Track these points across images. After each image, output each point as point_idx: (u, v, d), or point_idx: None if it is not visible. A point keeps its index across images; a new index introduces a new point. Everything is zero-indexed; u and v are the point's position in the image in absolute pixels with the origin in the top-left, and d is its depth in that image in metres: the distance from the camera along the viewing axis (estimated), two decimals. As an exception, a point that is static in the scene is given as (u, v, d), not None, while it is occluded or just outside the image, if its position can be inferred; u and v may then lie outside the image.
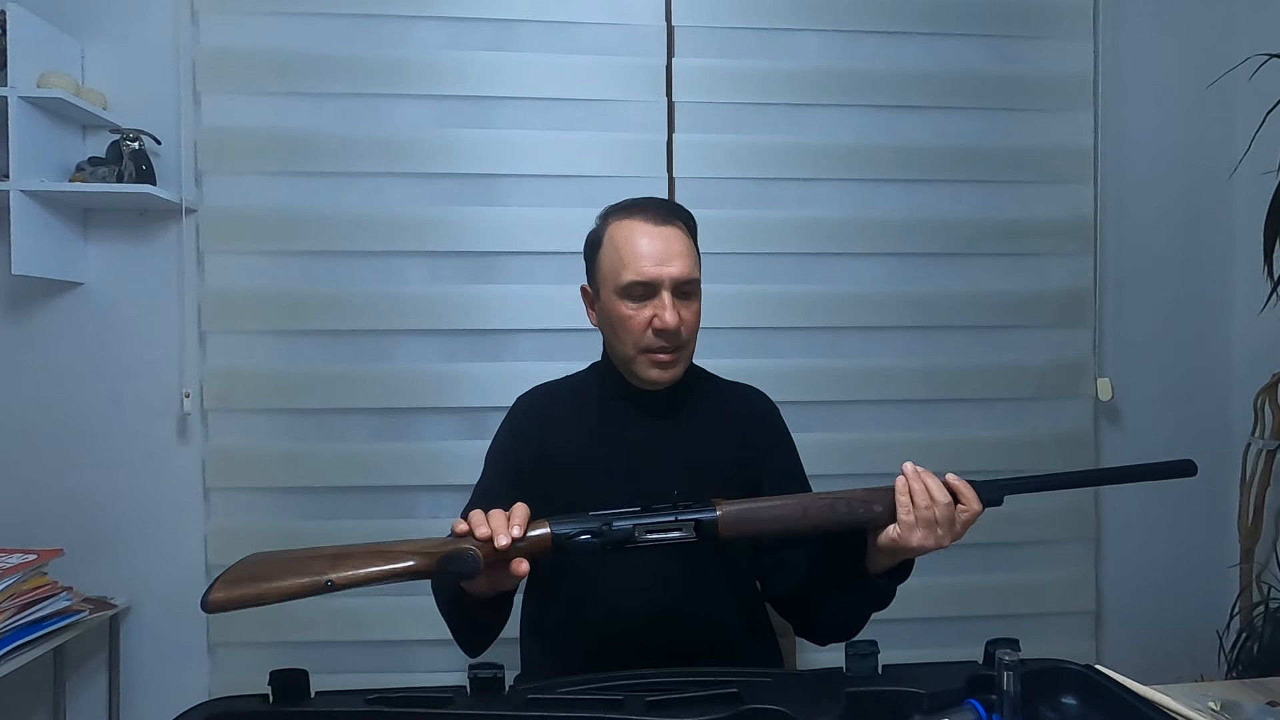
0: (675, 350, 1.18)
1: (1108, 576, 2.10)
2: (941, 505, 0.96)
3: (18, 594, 1.58)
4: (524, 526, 0.94)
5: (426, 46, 1.92)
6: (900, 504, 0.97)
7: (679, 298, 1.17)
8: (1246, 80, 1.89)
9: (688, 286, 1.18)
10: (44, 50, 1.75)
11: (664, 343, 1.17)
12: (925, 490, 0.96)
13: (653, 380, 1.20)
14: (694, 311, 1.20)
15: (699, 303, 1.21)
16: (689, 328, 1.19)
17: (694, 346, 1.23)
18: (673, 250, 1.17)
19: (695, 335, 1.22)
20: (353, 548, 0.92)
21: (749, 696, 0.87)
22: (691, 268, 1.18)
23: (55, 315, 1.86)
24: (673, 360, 1.19)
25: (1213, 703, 1.01)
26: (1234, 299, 2.11)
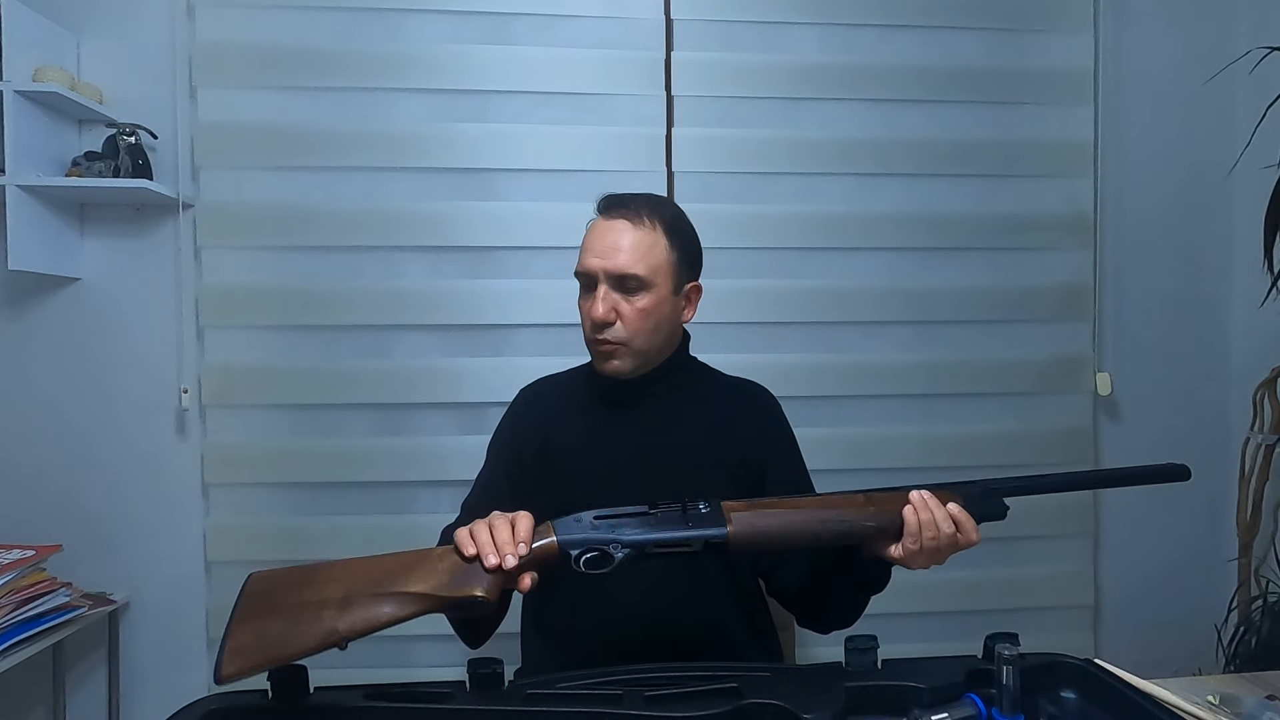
0: (614, 343, 1.18)
1: (1106, 571, 2.10)
2: (945, 535, 0.97)
3: (16, 590, 1.58)
4: (529, 541, 0.93)
5: (424, 40, 1.91)
6: (908, 533, 0.97)
7: (621, 292, 1.17)
8: (1247, 74, 1.89)
9: (629, 281, 1.16)
10: (40, 44, 1.74)
11: (597, 334, 1.18)
12: (933, 522, 0.97)
13: (603, 372, 1.22)
14: (637, 308, 1.17)
15: (650, 301, 1.17)
16: (630, 323, 1.17)
17: (648, 343, 1.20)
18: (618, 244, 1.17)
19: (645, 332, 1.18)
20: (357, 578, 0.89)
21: (748, 691, 0.87)
22: (633, 262, 1.16)
23: (52, 311, 1.86)
24: (612, 352, 1.19)
25: (1211, 697, 1.01)
26: (1234, 293, 2.11)
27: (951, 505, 0.98)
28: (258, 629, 0.86)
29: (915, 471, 1.99)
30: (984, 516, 0.99)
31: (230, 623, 0.87)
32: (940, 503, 0.98)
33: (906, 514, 0.97)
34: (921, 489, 0.99)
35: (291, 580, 0.90)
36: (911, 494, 0.98)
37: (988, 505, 0.99)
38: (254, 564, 1.90)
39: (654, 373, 1.24)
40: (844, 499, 0.99)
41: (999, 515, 1.00)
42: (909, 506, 0.97)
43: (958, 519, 0.98)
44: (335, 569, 0.91)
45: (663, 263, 1.19)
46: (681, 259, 1.22)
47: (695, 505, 0.96)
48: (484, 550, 0.91)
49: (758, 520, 0.95)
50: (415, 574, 0.89)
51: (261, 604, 0.88)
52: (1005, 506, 1.00)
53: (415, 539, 1.83)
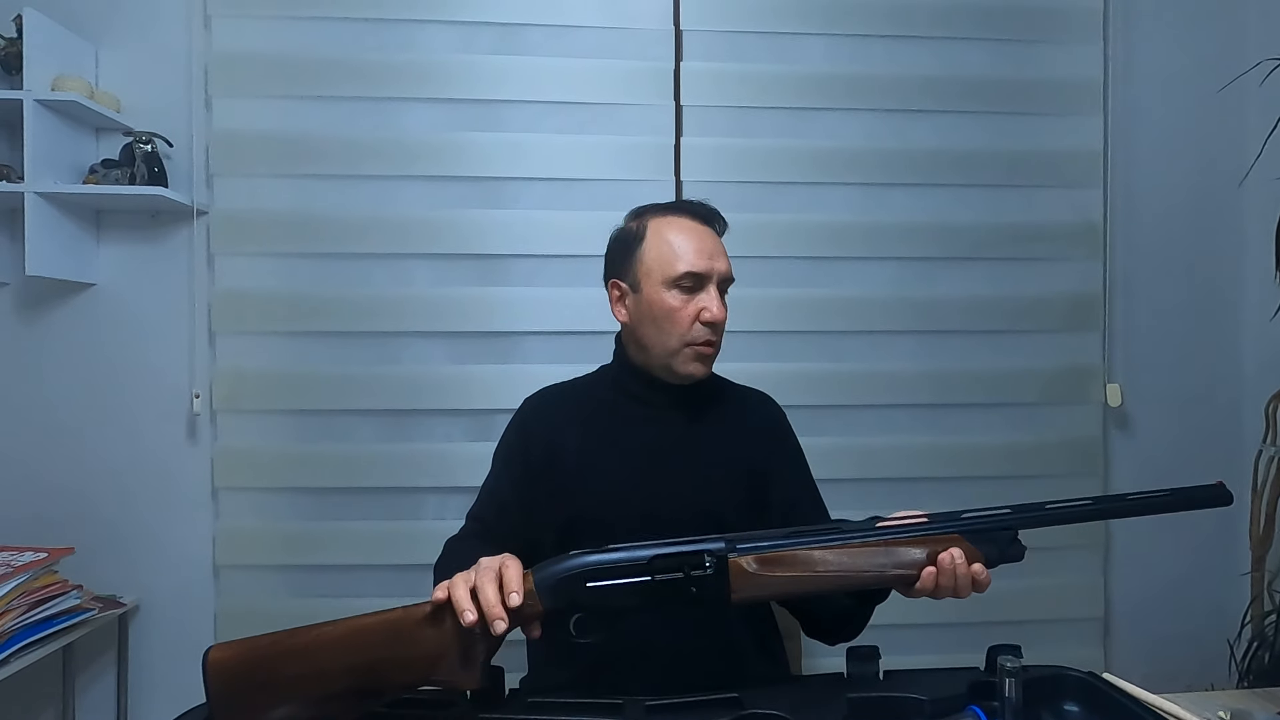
0: (717, 344, 1.22)
1: (1117, 583, 2.08)
2: (961, 588, 0.93)
3: (28, 592, 1.59)
4: (521, 592, 0.86)
5: (435, 50, 1.93)
6: (922, 586, 0.92)
7: (721, 293, 1.22)
8: (1258, 85, 1.88)
9: (729, 285, 1.23)
10: (58, 54, 1.77)
11: (710, 335, 1.20)
12: (952, 588, 0.92)
13: (691, 374, 1.21)
14: (726, 310, 1.23)
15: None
16: (724, 326, 1.23)
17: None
18: (719, 248, 1.23)
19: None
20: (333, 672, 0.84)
21: (750, 702, 0.87)
22: (730, 268, 1.23)
23: (67, 316, 1.88)
24: (714, 354, 1.22)
25: (1222, 712, 1.00)
26: (1245, 305, 2.09)
27: (976, 567, 0.92)
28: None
29: (922, 482, 1.99)
30: (1004, 560, 0.94)
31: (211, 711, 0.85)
32: (966, 565, 0.92)
33: (926, 575, 0.92)
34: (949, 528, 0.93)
35: (258, 675, 0.84)
36: (941, 558, 0.91)
37: (1010, 550, 0.93)
38: (263, 568, 1.94)
39: (689, 385, 1.24)
40: (863, 550, 0.91)
41: (1018, 558, 0.94)
42: (931, 570, 0.91)
43: (978, 580, 0.93)
44: (305, 656, 0.85)
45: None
46: None
47: (700, 564, 0.87)
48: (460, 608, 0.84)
49: (764, 585, 0.89)
50: (399, 662, 0.85)
51: (239, 701, 0.84)
52: (1024, 549, 0.94)
53: (422, 545, 1.85)
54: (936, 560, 0.91)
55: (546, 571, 0.89)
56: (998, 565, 0.93)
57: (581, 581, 0.88)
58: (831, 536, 0.91)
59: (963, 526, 0.93)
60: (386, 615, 0.86)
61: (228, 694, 0.83)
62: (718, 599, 0.87)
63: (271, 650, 0.85)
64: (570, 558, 0.89)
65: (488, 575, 0.87)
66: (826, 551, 0.90)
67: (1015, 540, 0.93)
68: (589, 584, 0.87)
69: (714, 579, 0.87)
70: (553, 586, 0.88)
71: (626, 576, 0.87)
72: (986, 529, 0.93)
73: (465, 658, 0.85)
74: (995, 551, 0.93)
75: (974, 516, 0.94)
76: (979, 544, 0.93)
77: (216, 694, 0.83)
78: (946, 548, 0.92)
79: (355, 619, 0.87)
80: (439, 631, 0.85)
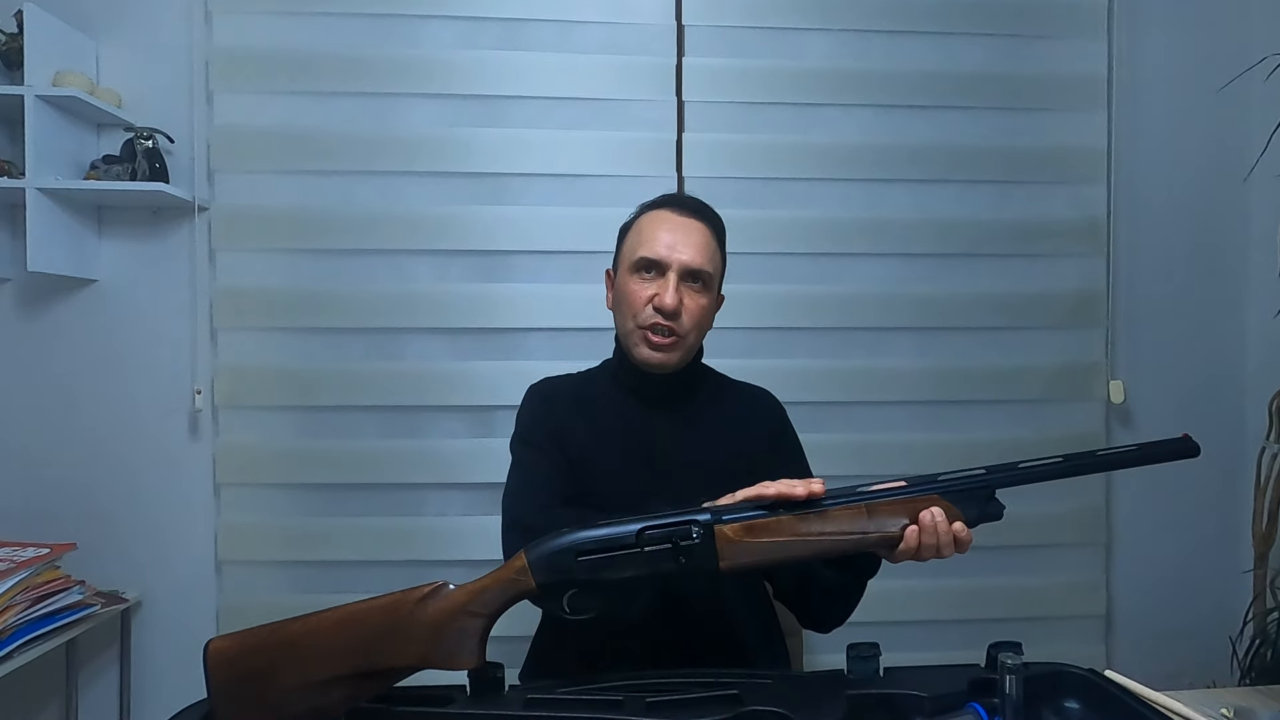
0: (672, 335, 1.19)
1: (1119, 580, 2.08)
2: (942, 553, 0.95)
3: (31, 587, 1.59)
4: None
5: (437, 46, 1.93)
6: (905, 548, 0.94)
7: (687, 284, 1.20)
8: (1262, 81, 1.87)
9: (698, 276, 1.21)
10: (59, 49, 1.77)
11: (659, 320, 1.19)
12: (935, 547, 0.94)
13: (644, 360, 1.21)
14: (699, 304, 1.21)
15: (708, 299, 1.23)
16: (691, 316, 1.20)
17: (695, 340, 1.24)
18: (690, 240, 1.21)
19: (698, 328, 1.23)
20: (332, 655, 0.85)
21: (749, 698, 0.87)
22: (704, 260, 1.21)
23: (69, 312, 1.88)
24: (667, 344, 1.20)
25: (1225, 709, 1.00)
26: (1248, 301, 2.09)
27: (957, 525, 0.95)
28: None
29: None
30: (983, 519, 0.97)
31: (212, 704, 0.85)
32: (947, 522, 0.94)
33: (909, 534, 0.94)
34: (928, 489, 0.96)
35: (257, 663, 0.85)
36: (922, 516, 0.94)
37: (988, 509, 0.96)
38: (264, 564, 1.94)
39: (671, 377, 1.24)
40: (844, 512, 0.94)
41: (997, 517, 0.97)
42: (913, 529, 0.94)
43: (960, 538, 0.95)
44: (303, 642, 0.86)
45: (717, 267, 1.26)
46: (722, 269, 1.28)
47: (687, 534, 0.89)
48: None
49: (750, 551, 0.91)
50: (398, 642, 0.86)
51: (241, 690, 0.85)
52: (1002, 507, 0.97)
53: (424, 541, 1.86)
54: (918, 519, 0.94)
55: (538, 549, 0.90)
56: (978, 524, 0.97)
57: (573, 556, 0.89)
58: (814, 505, 0.94)
59: (941, 488, 0.96)
60: (383, 598, 0.88)
61: (229, 684, 0.84)
62: (707, 567, 0.90)
63: (271, 638, 0.86)
64: (561, 534, 0.91)
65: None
66: (811, 518, 0.93)
67: (993, 498, 0.97)
68: (580, 558, 0.89)
69: (701, 547, 0.90)
70: (546, 563, 0.89)
71: (616, 550, 0.90)
72: (963, 489, 0.96)
73: (462, 634, 0.87)
74: (974, 511, 0.96)
75: (951, 477, 0.97)
76: (958, 504, 0.96)
77: (218, 685, 0.84)
78: (927, 507, 0.95)
79: (352, 604, 0.88)
80: (437, 611, 0.87)
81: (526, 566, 0.89)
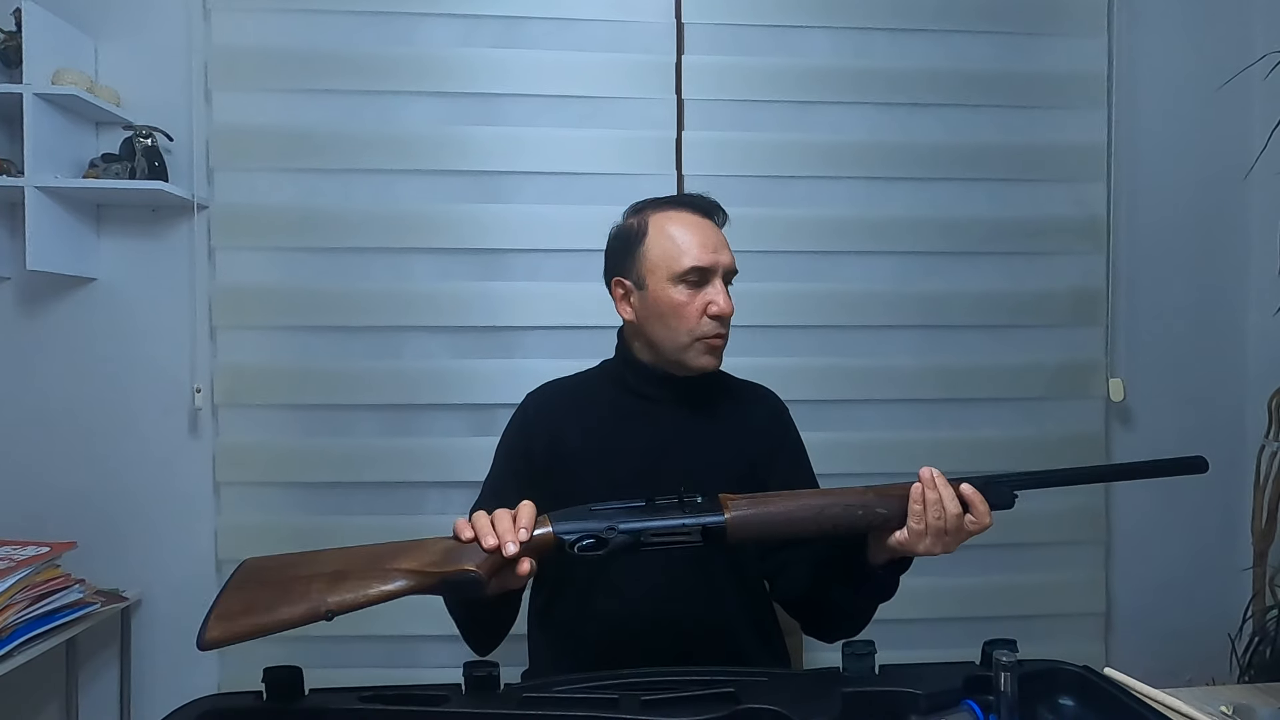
0: (726, 337, 1.22)
1: (1118, 579, 2.08)
2: (952, 516, 0.95)
3: (31, 586, 1.59)
4: (530, 528, 0.92)
5: (435, 44, 1.93)
6: (912, 511, 0.96)
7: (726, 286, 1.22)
8: (1262, 79, 1.87)
9: (733, 277, 1.24)
10: (58, 47, 1.77)
11: (720, 328, 1.20)
12: (939, 501, 0.95)
13: (702, 367, 1.22)
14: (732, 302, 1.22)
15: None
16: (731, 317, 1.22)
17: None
18: (722, 241, 1.23)
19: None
20: (352, 558, 0.90)
21: (745, 696, 0.87)
22: (734, 260, 1.24)
23: (68, 311, 1.88)
24: (723, 346, 1.23)
25: (1225, 707, 1.00)
26: (1249, 299, 2.09)
27: (964, 485, 0.96)
28: (246, 599, 0.86)
29: (924, 477, 1.99)
30: (995, 504, 0.97)
31: (219, 594, 0.87)
32: (948, 484, 0.96)
33: (913, 490, 0.96)
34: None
35: (285, 561, 0.91)
36: (921, 470, 0.97)
37: (1002, 495, 0.97)
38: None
39: (694, 378, 1.24)
40: (845, 490, 0.98)
41: (1007, 504, 0.97)
42: (915, 484, 0.96)
43: (968, 498, 0.96)
44: (330, 553, 0.91)
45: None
46: None
47: (692, 497, 0.95)
48: (483, 533, 0.91)
49: (755, 508, 0.95)
50: (408, 554, 0.90)
51: (252, 578, 0.89)
52: (1013, 496, 0.97)
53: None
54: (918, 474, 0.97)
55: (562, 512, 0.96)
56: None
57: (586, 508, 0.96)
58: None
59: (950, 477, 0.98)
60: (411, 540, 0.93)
61: (242, 585, 0.88)
62: (713, 521, 0.94)
63: (298, 557, 0.91)
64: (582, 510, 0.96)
65: (502, 510, 0.95)
66: (814, 494, 0.99)
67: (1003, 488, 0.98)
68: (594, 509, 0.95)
69: (707, 505, 0.95)
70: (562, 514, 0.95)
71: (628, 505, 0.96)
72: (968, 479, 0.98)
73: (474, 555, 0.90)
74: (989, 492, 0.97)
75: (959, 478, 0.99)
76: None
77: (234, 582, 0.88)
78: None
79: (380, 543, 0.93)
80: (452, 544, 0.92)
81: (548, 518, 0.95)
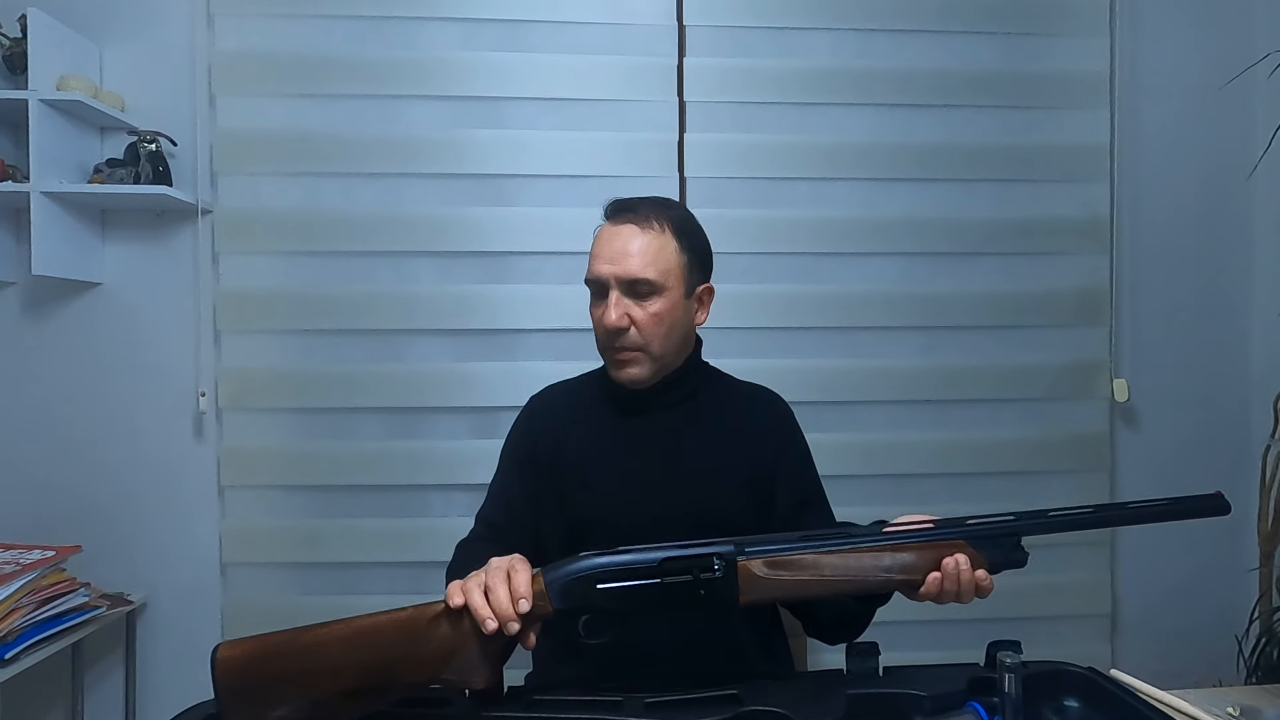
0: (629, 350, 1.17)
1: (1124, 580, 2.07)
2: (963, 597, 0.94)
3: (36, 590, 1.60)
4: (530, 596, 0.87)
5: (438, 47, 1.93)
6: (926, 590, 0.93)
7: (633, 297, 1.16)
8: (1265, 78, 1.87)
9: (640, 286, 1.15)
10: (63, 53, 1.77)
11: (614, 341, 1.17)
12: (955, 593, 0.93)
13: (616, 379, 1.20)
14: (651, 313, 1.16)
15: (664, 304, 1.16)
16: (645, 328, 1.16)
17: (664, 348, 1.19)
18: (626, 249, 1.16)
19: (661, 337, 1.17)
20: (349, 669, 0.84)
21: (748, 698, 0.87)
22: (643, 266, 1.15)
23: (73, 315, 1.89)
24: (628, 360, 1.18)
25: (1232, 708, 1.00)
26: (1253, 299, 2.08)
27: (980, 573, 0.93)
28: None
29: (929, 478, 1.99)
30: (1007, 565, 0.95)
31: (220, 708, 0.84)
32: (970, 570, 0.92)
33: (931, 581, 0.92)
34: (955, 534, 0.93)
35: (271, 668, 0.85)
36: (946, 563, 0.92)
37: (1013, 556, 0.94)
38: (269, 565, 1.94)
39: (668, 379, 1.23)
40: (869, 555, 0.91)
41: (1020, 564, 0.95)
42: (936, 575, 0.92)
43: (981, 586, 0.94)
44: (316, 653, 0.85)
45: (673, 265, 1.17)
46: (692, 260, 1.20)
47: (709, 566, 0.88)
48: (481, 615, 0.85)
49: (771, 588, 0.90)
50: (410, 661, 0.85)
51: (247, 697, 0.84)
52: (1026, 555, 0.95)
53: (428, 542, 1.86)
54: (941, 565, 0.92)
55: (556, 573, 0.89)
56: (1001, 571, 0.95)
57: (592, 583, 0.88)
58: (839, 541, 0.91)
59: (968, 533, 0.94)
60: (399, 613, 0.87)
61: (236, 690, 0.83)
62: (726, 601, 0.89)
63: (283, 648, 0.85)
64: (580, 559, 0.90)
65: (498, 576, 0.87)
66: (834, 556, 0.91)
67: (1018, 546, 0.94)
68: (599, 585, 0.88)
69: (722, 581, 0.88)
70: (562, 588, 0.89)
71: (636, 579, 0.88)
72: (991, 535, 0.94)
73: (481, 655, 0.86)
74: (1000, 556, 0.94)
75: (979, 523, 0.95)
76: (983, 550, 0.94)
77: (225, 690, 0.83)
78: (951, 553, 0.93)
79: (367, 617, 0.87)
80: (453, 630, 0.86)
81: (544, 590, 0.88)
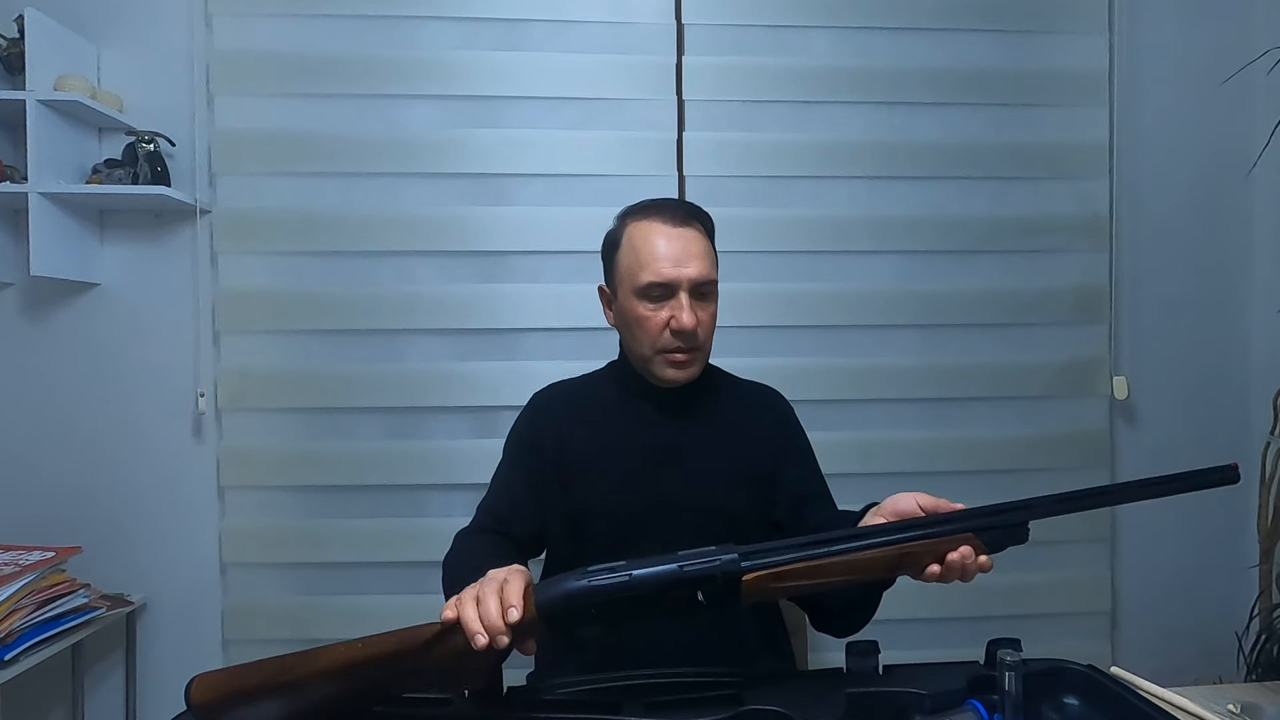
0: (691, 350, 1.20)
1: (1124, 577, 2.07)
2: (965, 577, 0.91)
3: (36, 591, 1.60)
4: (521, 605, 0.83)
5: (437, 47, 1.93)
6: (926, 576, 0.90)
7: (696, 299, 1.19)
8: (1265, 74, 1.87)
9: (704, 288, 1.20)
10: (61, 54, 1.77)
11: (680, 343, 1.18)
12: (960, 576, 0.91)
13: (669, 379, 1.21)
14: (710, 313, 1.21)
15: (715, 304, 1.23)
16: (705, 329, 1.20)
17: (710, 346, 1.24)
18: (690, 251, 1.18)
19: (711, 335, 1.23)
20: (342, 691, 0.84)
21: (749, 697, 0.87)
22: (708, 269, 1.19)
23: (72, 316, 1.89)
24: (689, 360, 1.20)
25: (1232, 705, 1.00)
26: (1252, 296, 2.08)
27: (983, 559, 0.91)
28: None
29: (928, 476, 1.98)
30: (1009, 543, 0.92)
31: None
32: (974, 558, 0.90)
33: (931, 572, 0.89)
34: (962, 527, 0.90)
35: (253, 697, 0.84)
36: (950, 558, 0.89)
37: (1015, 534, 0.92)
38: (268, 566, 1.94)
39: (689, 384, 1.24)
40: (875, 560, 0.89)
41: (1022, 540, 0.92)
42: (937, 567, 0.89)
43: (984, 569, 0.91)
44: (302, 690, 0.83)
45: (716, 268, 1.23)
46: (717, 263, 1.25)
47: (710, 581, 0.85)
48: (472, 631, 0.82)
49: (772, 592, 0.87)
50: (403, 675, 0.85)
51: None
52: (1027, 531, 0.92)
53: (427, 542, 1.86)
54: (945, 560, 0.90)
55: (550, 593, 0.84)
56: (1003, 549, 0.92)
57: (589, 605, 0.84)
58: (844, 545, 0.89)
59: (975, 525, 0.91)
60: (388, 642, 0.84)
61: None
62: (727, 605, 0.86)
63: (260, 689, 0.84)
64: (576, 577, 0.85)
65: (491, 588, 0.85)
66: (838, 561, 0.88)
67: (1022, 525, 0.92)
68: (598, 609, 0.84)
69: (724, 593, 0.85)
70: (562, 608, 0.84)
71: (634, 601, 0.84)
72: (999, 527, 0.91)
73: (476, 667, 0.85)
74: (1000, 535, 0.92)
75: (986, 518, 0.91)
76: (986, 538, 0.91)
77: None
78: (956, 546, 0.90)
79: (354, 647, 0.84)
80: (445, 649, 0.83)
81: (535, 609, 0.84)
